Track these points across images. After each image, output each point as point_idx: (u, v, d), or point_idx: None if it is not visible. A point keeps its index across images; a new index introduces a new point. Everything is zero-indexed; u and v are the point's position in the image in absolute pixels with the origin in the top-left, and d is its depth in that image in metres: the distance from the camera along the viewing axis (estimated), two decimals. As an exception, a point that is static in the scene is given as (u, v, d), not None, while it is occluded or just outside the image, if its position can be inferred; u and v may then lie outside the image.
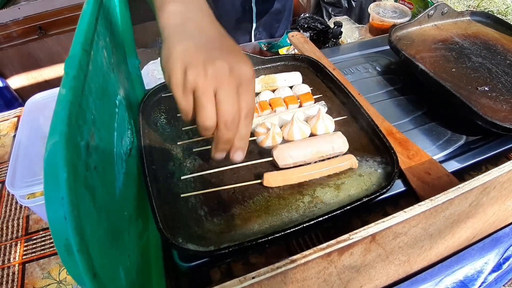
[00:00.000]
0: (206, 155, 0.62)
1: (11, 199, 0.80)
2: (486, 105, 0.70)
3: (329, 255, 0.38)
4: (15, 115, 1.03)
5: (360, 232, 0.39)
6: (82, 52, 0.32)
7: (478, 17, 0.97)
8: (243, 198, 0.55)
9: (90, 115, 0.35)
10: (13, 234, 0.74)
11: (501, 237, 0.64)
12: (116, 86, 0.53)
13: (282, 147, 0.59)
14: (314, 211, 0.53)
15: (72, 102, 0.27)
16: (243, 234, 0.49)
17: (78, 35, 0.35)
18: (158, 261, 0.56)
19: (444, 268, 0.59)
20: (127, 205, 0.47)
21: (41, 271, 0.67)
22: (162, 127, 0.67)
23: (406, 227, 0.43)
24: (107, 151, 0.41)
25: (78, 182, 0.28)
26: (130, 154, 0.54)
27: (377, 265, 0.48)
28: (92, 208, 0.31)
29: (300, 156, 0.59)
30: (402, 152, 0.62)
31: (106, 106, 0.44)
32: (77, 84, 0.29)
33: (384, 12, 1.13)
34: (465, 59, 0.83)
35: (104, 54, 0.47)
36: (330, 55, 0.92)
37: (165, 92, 0.74)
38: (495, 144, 0.67)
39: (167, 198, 0.54)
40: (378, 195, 0.52)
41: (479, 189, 0.45)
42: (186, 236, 0.49)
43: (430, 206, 0.41)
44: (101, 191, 0.35)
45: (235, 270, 0.59)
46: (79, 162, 0.28)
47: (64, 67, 0.29)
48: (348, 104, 0.70)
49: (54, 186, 0.22)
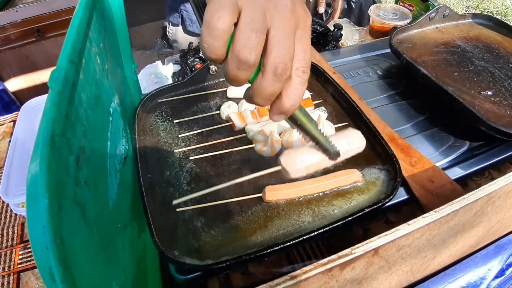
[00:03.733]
0: (203, 163, 0.60)
1: (6, 206, 0.79)
2: (489, 110, 0.69)
3: (330, 270, 0.37)
4: (11, 119, 1.02)
5: (363, 246, 0.38)
6: (69, 64, 0.31)
7: (480, 20, 0.96)
8: (241, 209, 0.53)
9: (80, 126, 0.33)
10: (8, 242, 0.72)
11: (505, 244, 0.63)
12: (110, 93, 0.51)
13: (289, 151, 0.51)
14: (315, 221, 0.51)
15: (56, 120, 0.25)
16: (241, 246, 0.48)
17: (65, 46, 0.33)
18: (155, 272, 0.55)
19: (447, 276, 0.58)
20: (121, 216, 0.46)
21: (36, 280, 0.66)
22: (158, 134, 0.66)
23: (410, 239, 0.41)
24: (99, 163, 0.39)
25: (67, 199, 0.27)
26: (125, 163, 0.52)
27: (379, 277, 0.47)
28: (83, 225, 0.30)
29: (315, 158, 0.49)
30: (404, 159, 0.61)
31: (99, 115, 0.42)
32: (62, 99, 0.27)
33: (385, 14, 1.12)
34: (468, 63, 0.81)
35: (97, 60, 0.45)
36: (330, 58, 0.90)
37: (162, 97, 0.72)
38: (499, 150, 0.66)
39: (163, 209, 0.53)
40: (381, 205, 0.51)
41: (484, 199, 0.44)
42: (182, 248, 0.47)
43: (435, 218, 0.40)
44: (93, 206, 0.34)
45: (234, 279, 0.58)
46: (68, 179, 0.27)
47: (48, 81, 0.27)
48: (348, 110, 0.68)
49: (35, 213, 0.20)
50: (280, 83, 0.34)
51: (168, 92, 0.73)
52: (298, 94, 0.36)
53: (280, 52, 0.33)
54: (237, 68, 0.32)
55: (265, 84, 0.33)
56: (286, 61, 0.33)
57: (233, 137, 0.65)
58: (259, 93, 0.34)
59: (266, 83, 0.33)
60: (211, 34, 0.31)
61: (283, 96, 0.35)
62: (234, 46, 0.31)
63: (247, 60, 0.32)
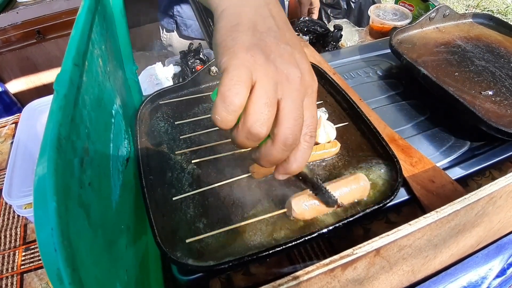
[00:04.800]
0: (205, 165, 0.60)
1: (9, 207, 0.79)
2: (490, 110, 0.69)
3: (332, 270, 0.37)
4: (13, 121, 1.02)
5: (365, 246, 0.38)
6: (73, 67, 0.31)
7: (481, 19, 0.96)
8: (243, 210, 0.54)
9: (84, 129, 0.34)
10: (11, 243, 0.73)
11: (506, 243, 0.63)
12: (113, 95, 0.52)
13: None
14: (316, 222, 0.52)
15: (62, 123, 0.25)
16: (243, 247, 0.48)
17: (69, 48, 0.34)
18: (157, 272, 0.55)
19: (448, 276, 0.58)
20: (124, 217, 0.46)
21: (39, 281, 0.66)
22: (160, 135, 0.66)
23: (411, 239, 0.41)
24: (102, 165, 0.39)
25: (72, 201, 0.27)
26: (127, 165, 0.53)
27: (380, 277, 0.47)
28: (87, 227, 0.30)
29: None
30: (405, 159, 0.61)
31: (101, 117, 0.43)
32: (67, 102, 0.28)
33: (385, 15, 1.12)
34: (468, 63, 0.81)
35: (99, 63, 0.46)
36: (330, 59, 0.91)
37: (163, 98, 0.73)
38: (500, 150, 0.66)
39: (165, 210, 0.53)
40: (382, 205, 0.51)
41: (486, 199, 0.44)
42: (185, 249, 0.48)
43: (436, 218, 0.40)
44: (97, 207, 0.34)
45: (235, 280, 0.58)
46: (72, 181, 0.27)
47: (54, 85, 0.28)
48: (349, 110, 0.69)
49: (43, 215, 0.20)
50: (289, 152, 0.35)
51: (169, 94, 0.74)
52: (305, 157, 0.37)
53: (291, 124, 0.33)
54: (246, 139, 0.33)
55: (274, 152, 0.34)
56: (296, 132, 0.34)
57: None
58: (267, 159, 0.35)
59: (275, 151, 0.34)
60: (227, 109, 0.31)
61: (291, 160, 0.36)
62: (247, 119, 0.32)
63: (258, 134, 0.32)
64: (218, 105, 0.31)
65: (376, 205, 0.51)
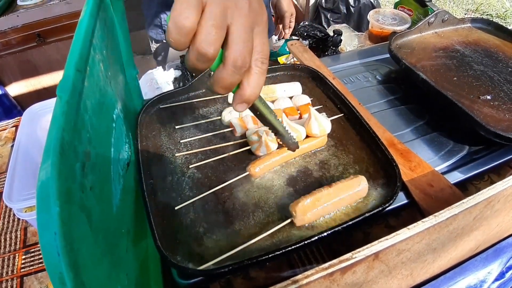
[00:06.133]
0: (205, 168, 0.61)
1: (9, 210, 0.79)
2: (488, 114, 0.69)
3: (332, 274, 0.37)
4: (14, 124, 1.02)
5: (363, 250, 0.38)
6: (76, 73, 0.32)
7: (479, 24, 0.96)
8: (243, 214, 0.54)
9: (85, 133, 0.34)
10: (11, 246, 0.73)
11: (505, 247, 0.64)
12: (114, 100, 0.52)
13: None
14: (316, 226, 0.52)
15: (65, 128, 0.26)
16: (243, 251, 0.48)
17: (72, 53, 0.34)
18: (157, 276, 0.55)
19: (447, 279, 0.58)
20: (124, 221, 0.47)
21: (39, 285, 0.66)
22: (160, 139, 0.66)
23: (410, 243, 0.42)
24: (103, 169, 0.40)
25: (74, 205, 0.27)
26: (128, 169, 0.53)
27: (379, 281, 0.47)
28: (89, 231, 0.31)
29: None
30: (404, 163, 0.61)
31: (103, 122, 0.43)
32: (70, 108, 0.28)
33: (384, 19, 1.13)
34: (467, 67, 0.82)
35: (101, 68, 0.46)
36: (329, 63, 0.91)
37: (164, 103, 0.73)
38: (498, 154, 0.67)
39: (166, 214, 0.53)
40: (381, 209, 0.51)
41: (484, 203, 0.44)
42: (185, 253, 0.48)
43: (434, 223, 0.41)
44: (98, 211, 0.34)
45: (235, 284, 0.58)
46: (74, 185, 0.28)
47: (56, 90, 0.28)
48: (348, 115, 0.69)
49: (47, 220, 0.21)
50: (239, 75, 0.37)
51: (170, 98, 0.74)
52: (257, 82, 0.39)
53: (240, 46, 0.36)
54: (196, 60, 0.35)
55: (225, 75, 0.37)
56: (245, 54, 0.36)
57: (234, 142, 0.66)
58: (220, 83, 0.38)
59: (226, 74, 0.36)
60: (179, 32, 0.33)
61: (244, 85, 0.39)
62: (195, 40, 0.34)
63: (205, 53, 0.34)
64: (171, 29, 0.33)
65: (376, 209, 0.51)
